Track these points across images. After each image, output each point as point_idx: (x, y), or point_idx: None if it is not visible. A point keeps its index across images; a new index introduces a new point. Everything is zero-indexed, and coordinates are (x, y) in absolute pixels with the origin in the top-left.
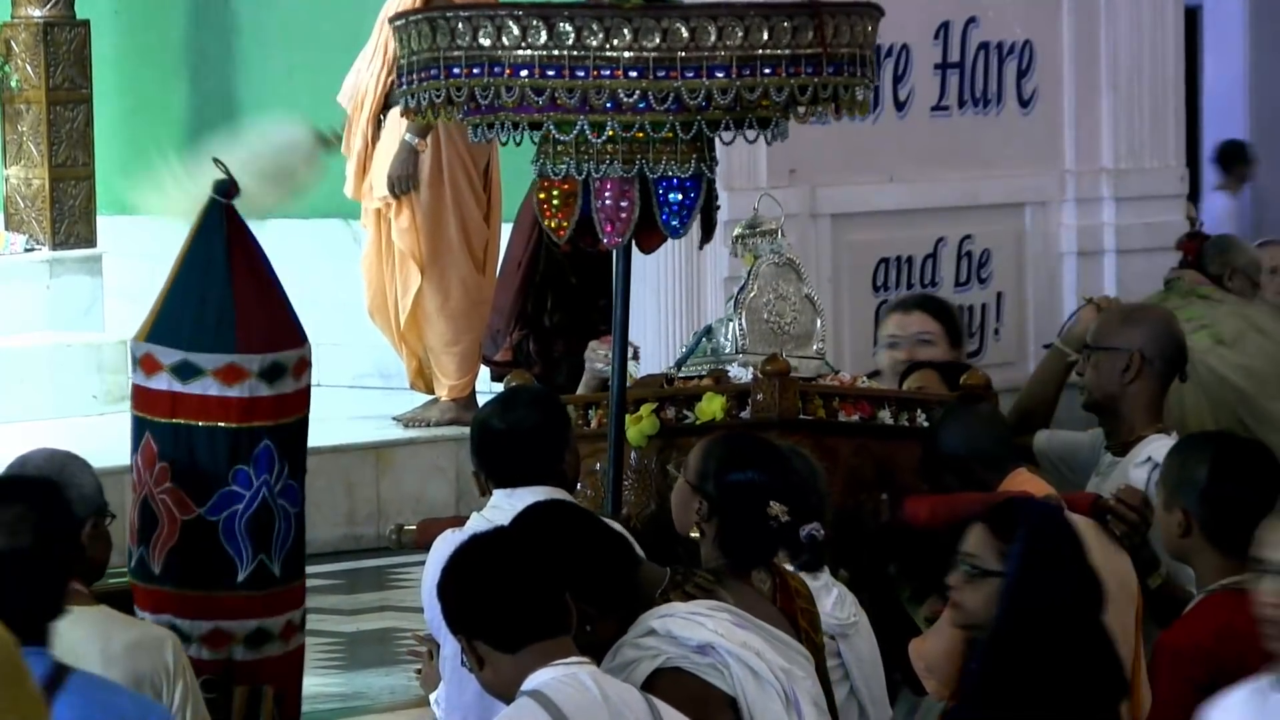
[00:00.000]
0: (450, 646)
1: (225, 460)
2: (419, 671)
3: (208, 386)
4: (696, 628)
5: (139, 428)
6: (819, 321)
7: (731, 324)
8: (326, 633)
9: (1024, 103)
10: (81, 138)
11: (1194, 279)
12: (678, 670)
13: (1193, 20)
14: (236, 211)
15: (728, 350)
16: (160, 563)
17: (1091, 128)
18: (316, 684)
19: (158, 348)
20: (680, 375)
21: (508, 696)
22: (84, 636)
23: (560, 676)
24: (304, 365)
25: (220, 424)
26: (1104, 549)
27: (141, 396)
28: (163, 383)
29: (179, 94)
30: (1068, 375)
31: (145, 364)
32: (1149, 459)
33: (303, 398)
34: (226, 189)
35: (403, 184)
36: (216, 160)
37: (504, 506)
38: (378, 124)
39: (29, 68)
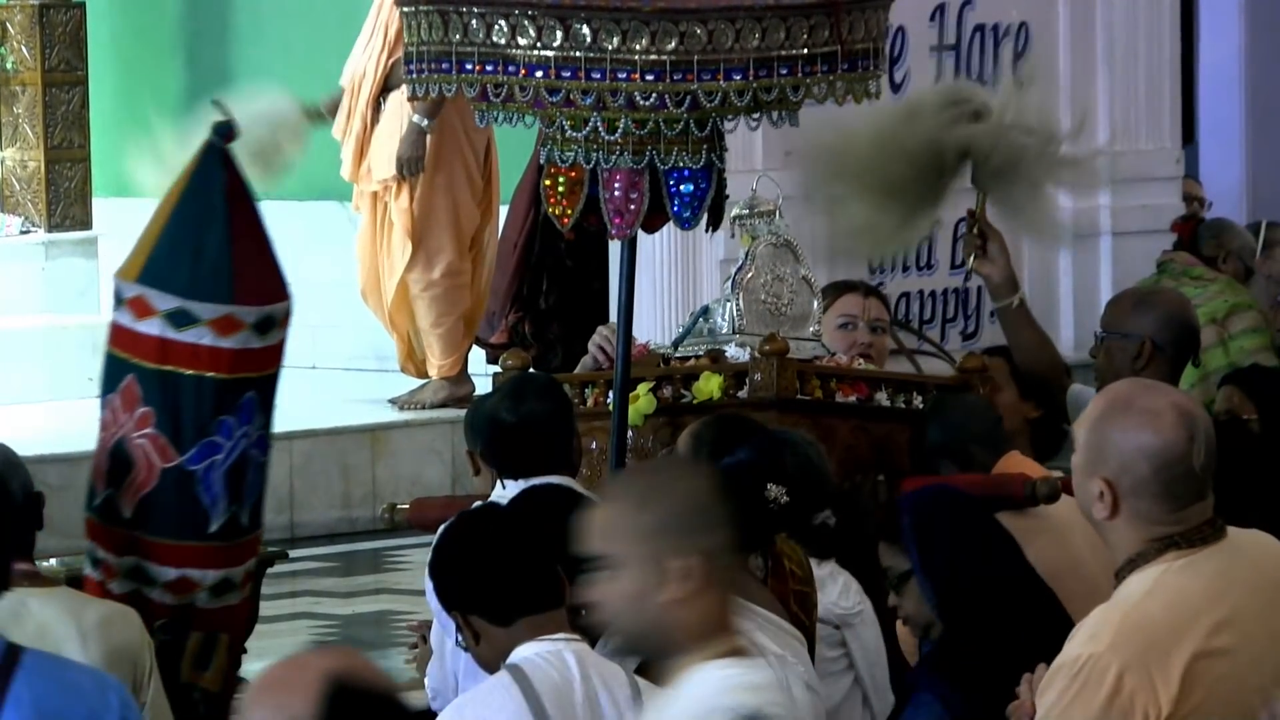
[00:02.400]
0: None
1: (210, 410)
2: (414, 647)
3: (201, 336)
4: None
5: (118, 369)
6: (816, 303)
7: (729, 304)
8: (322, 615)
9: (1020, 85)
10: (77, 119)
11: (1186, 261)
12: None
13: (1189, 1)
14: (233, 155)
15: (724, 330)
16: (132, 507)
17: (1087, 109)
18: None
19: (152, 291)
20: (677, 355)
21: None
22: (56, 615)
23: (543, 652)
24: (288, 317)
25: (209, 374)
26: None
27: (126, 338)
28: (154, 328)
29: (175, 75)
30: (1027, 317)
31: (135, 306)
32: None
33: (283, 348)
34: (226, 131)
35: (412, 165)
36: (216, 102)
37: None
38: (377, 106)
39: (25, 49)
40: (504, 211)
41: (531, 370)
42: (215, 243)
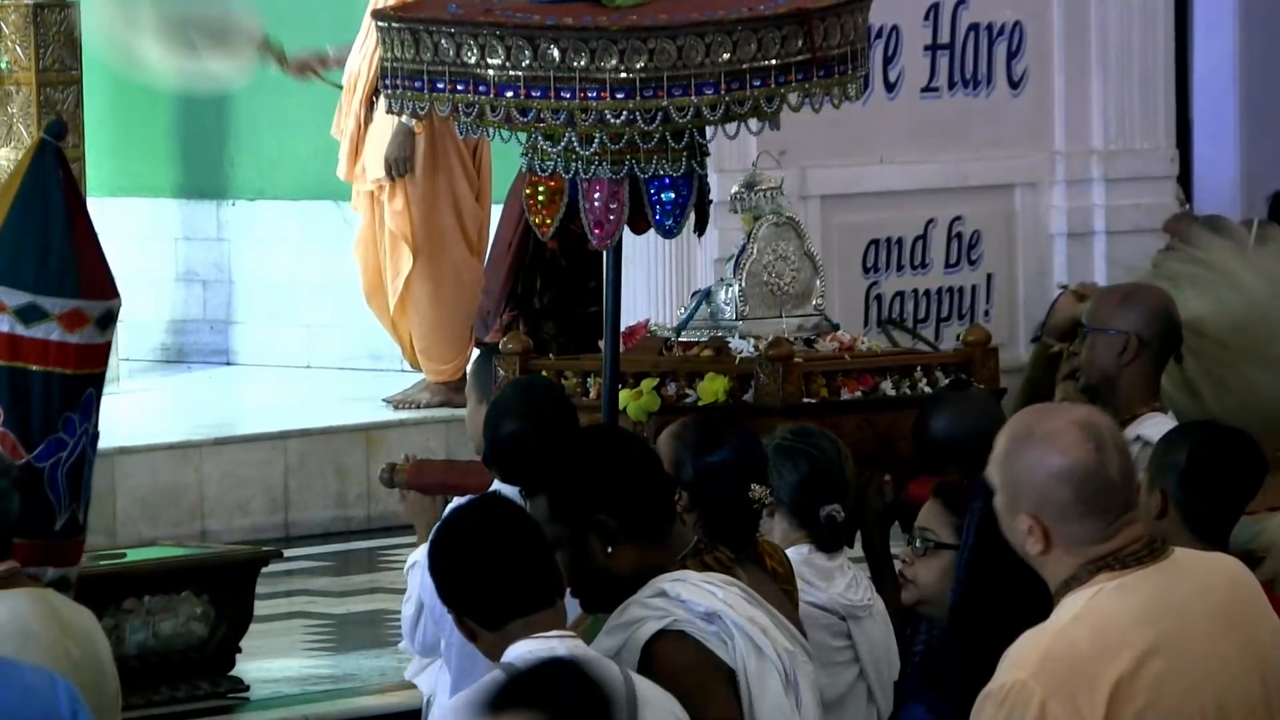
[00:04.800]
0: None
1: (59, 407)
2: (402, 498)
3: (50, 331)
4: (706, 595)
5: None
6: (818, 279)
7: (730, 288)
8: (316, 614)
9: (1014, 84)
10: (71, 119)
11: None
12: (682, 634)
13: (1183, 0)
14: (64, 155)
15: (727, 315)
16: None
17: (1081, 109)
18: (307, 665)
19: (1, 289)
20: (679, 340)
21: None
22: (43, 614)
23: (536, 650)
24: (116, 315)
25: (56, 370)
26: None
27: None
28: (3, 324)
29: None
30: (1058, 366)
31: None
32: (1138, 438)
33: (111, 348)
34: (58, 130)
35: (400, 166)
36: (58, 116)
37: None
38: (370, 106)
39: (19, 49)
40: (496, 210)
41: (533, 375)
42: (59, 239)
